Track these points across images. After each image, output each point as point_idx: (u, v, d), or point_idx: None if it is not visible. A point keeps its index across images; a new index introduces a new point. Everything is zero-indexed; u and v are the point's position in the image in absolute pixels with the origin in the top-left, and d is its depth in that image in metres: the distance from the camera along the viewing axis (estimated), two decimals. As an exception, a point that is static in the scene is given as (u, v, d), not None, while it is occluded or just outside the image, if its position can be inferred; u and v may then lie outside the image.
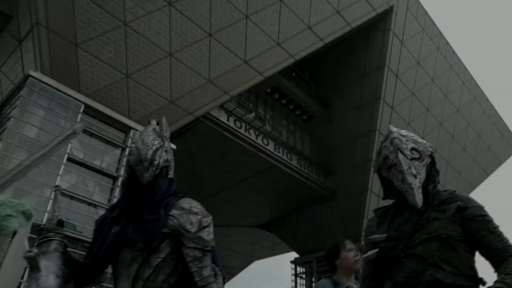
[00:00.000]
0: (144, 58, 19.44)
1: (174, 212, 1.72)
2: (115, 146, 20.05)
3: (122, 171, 19.67)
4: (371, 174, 28.05)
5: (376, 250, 1.70)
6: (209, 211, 1.80)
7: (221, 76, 21.55)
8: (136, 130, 20.29)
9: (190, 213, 1.73)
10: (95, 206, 18.84)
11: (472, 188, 35.58)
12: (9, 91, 18.74)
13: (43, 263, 1.59)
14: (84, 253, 1.80)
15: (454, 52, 32.09)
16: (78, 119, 18.69)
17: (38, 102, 17.72)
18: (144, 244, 1.65)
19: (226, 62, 21.56)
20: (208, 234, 1.72)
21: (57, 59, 17.66)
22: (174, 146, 21.47)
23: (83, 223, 17.53)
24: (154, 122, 1.92)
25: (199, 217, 1.73)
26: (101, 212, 19.31)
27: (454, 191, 1.76)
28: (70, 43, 17.62)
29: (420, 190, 1.69)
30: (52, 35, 17.19)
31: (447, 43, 31.54)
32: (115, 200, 19.34)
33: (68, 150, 17.91)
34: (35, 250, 1.63)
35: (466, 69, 33.20)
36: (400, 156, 1.74)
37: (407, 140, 1.80)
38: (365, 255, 1.76)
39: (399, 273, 1.60)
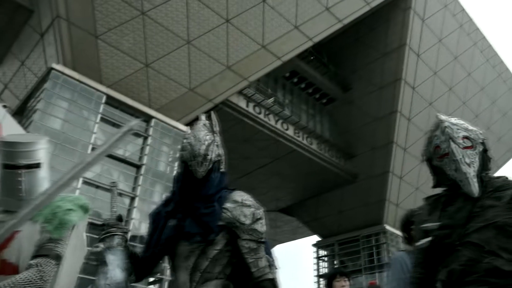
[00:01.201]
0: (162, 47, 19.53)
1: (227, 205, 1.77)
2: (137, 135, 20.35)
3: (145, 160, 20.02)
4: (392, 156, 27.80)
5: (429, 239, 1.70)
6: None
7: (239, 62, 21.50)
8: (157, 119, 20.54)
9: (243, 205, 1.77)
10: (120, 194, 19.26)
11: (498, 167, 34.88)
12: (33, 84, 19.16)
13: (109, 258, 1.66)
14: None
15: (477, 28, 31.11)
16: (101, 110, 19.05)
17: (62, 94, 18.09)
18: (201, 237, 1.71)
19: (244, 47, 21.46)
20: (261, 226, 1.77)
21: (78, 51, 17.91)
22: (195, 134, 21.71)
23: (109, 211, 17.84)
24: (203, 117, 1.95)
25: (252, 209, 1.78)
26: (126, 200, 19.75)
27: (507, 178, 1.75)
28: (90, 35, 17.82)
29: (476, 179, 1.68)
30: (73, 28, 17.41)
31: (471, 19, 30.58)
32: (139, 188, 19.74)
33: (92, 141, 18.32)
34: (101, 245, 1.70)
35: (490, 45, 32.20)
36: (453, 145, 1.73)
37: (458, 129, 1.78)
38: (417, 244, 1.77)
39: (454, 261, 1.61)
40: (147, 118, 20.36)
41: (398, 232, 29.89)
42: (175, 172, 20.95)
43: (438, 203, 1.81)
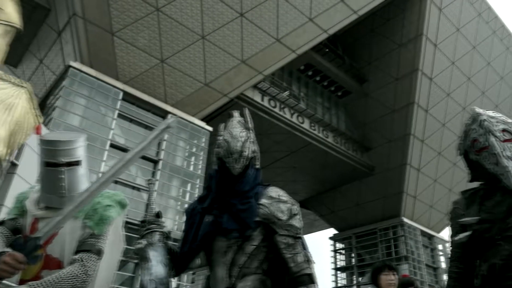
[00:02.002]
0: (177, 43, 19.59)
1: (263, 201, 1.78)
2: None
3: (162, 155, 20.19)
4: (409, 148, 27.47)
5: (468, 233, 1.69)
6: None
7: (254, 56, 21.44)
8: (173, 114, 20.64)
9: (279, 201, 1.78)
10: (138, 189, 19.49)
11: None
12: (52, 82, 19.45)
13: (152, 254, 1.70)
14: (129, 234, 1.90)
15: (497, 16, 30.35)
16: (118, 106, 19.25)
17: (80, 92, 18.33)
18: (239, 232, 1.72)
19: (259, 41, 21.38)
20: (298, 221, 1.78)
21: (95, 49, 18.10)
22: (210, 129, 21.81)
23: (128, 205, 18.06)
24: (236, 114, 1.96)
25: (289, 205, 1.79)
26: (144, 195, 19.98)
27: None
28: (106, 32, 17.97)
29: None
30: (89, 25, 17.58)
31: (489, 7, 29.85)
32: (156, 183, 19.93)
33: (110, 137, 18.55)
34: (144, 242, 1.74)
35: (510, 33, 31.40)
36: (492, 138, 1.70)
37: (497, 122, 1.76)
38: (456, 238, 1.75)
39: (495, 256, 1.59)
40: (163, 114, 20.49)
41: (416, 225, 29.67)
42: (192, 167, 21.16)
43: (475, 197, 1.79)
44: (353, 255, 32.34)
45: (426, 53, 26.24)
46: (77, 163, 1.80)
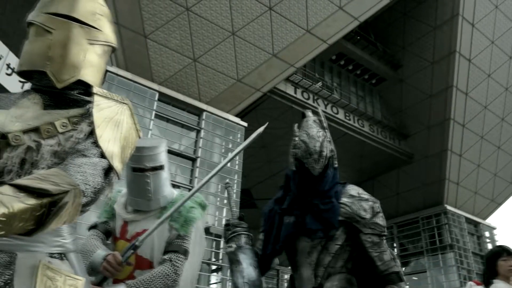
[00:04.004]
0: (208, 41, 19.75)
1: (344, 200, 1.78)
2: (190, 129, 20.87)
3: (199, 153, 20.50)
4: (450, 134, 26.57)
5: None
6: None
7: (285, 49, 21.31)
8: (208, 111, 20.90)
9: (361, 200, 1.78)
10: (178, 187, 19.78)
11: None
12: (91, 88, 20.08)
13: (241, 256, 1.74)
14: None
15: (538, -11, 28.72)
16: (154, 107, 19.69)
17: (118, 95, 18.86)
18: (323, 232, 1.73)
19: (289, 34, 21.23)
20: (382, 219, 1.77)
21: (129, 52, 18.54)
22: (245, 124, 21.90)
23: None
24: (310, 114, 1.96)
25: (370, 203, 1.78)
26: (184, 192, 20.33)
27: None
28: (139, 35, 18.36)
29: None
30: (123, 30, 18.00)
31: (530, -20, 28.28)
32: (196, 181, 20.27)
33: (149, 137, 19.02)
34: (234, 245, 1.78)
35: (554, 6, 29.63)
36: None
37: None
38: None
39: None
40: (198, 112, 20.79)
41: (461, 212, 28.80)
42: (229, 163, 21.41)
43: None
44: (395, 245, 31.73)
45: (463, 34, 25.22)
46: (161, 167, 1.88)
